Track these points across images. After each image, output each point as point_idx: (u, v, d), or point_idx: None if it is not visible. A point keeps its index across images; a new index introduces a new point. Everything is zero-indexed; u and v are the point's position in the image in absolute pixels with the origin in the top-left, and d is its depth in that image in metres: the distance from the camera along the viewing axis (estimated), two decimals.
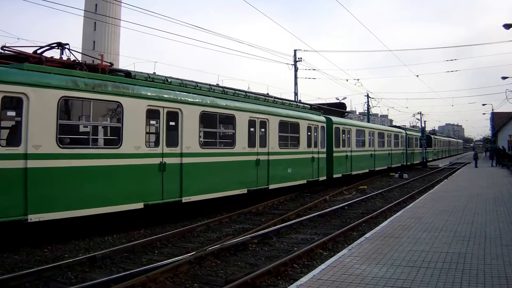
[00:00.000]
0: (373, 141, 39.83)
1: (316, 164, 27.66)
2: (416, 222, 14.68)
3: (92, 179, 13.76)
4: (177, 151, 16.47)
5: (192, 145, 17.09)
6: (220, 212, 19.19)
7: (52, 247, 12.88)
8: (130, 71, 17.02)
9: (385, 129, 48.86)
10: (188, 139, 16.81)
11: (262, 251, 12.95)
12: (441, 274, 8.65)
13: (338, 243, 13.62)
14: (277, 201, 23.12)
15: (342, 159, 32.25)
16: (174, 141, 16.46)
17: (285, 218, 17.95)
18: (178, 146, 16.54)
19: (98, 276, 10.05)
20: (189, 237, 14.89)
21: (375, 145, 40.27)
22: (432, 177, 41.35)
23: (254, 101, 22.84)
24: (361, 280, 8.34)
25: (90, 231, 14.27)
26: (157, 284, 9.62)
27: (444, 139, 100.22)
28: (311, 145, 27.12)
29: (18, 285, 9.42)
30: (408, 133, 55.79)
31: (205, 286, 9.75)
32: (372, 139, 39.43)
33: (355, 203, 22.96)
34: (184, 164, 16.67)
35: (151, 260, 11.69)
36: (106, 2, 74.42)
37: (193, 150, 17.19)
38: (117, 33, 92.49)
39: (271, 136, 22.65)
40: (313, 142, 27.47)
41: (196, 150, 17.34)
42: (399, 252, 10.51)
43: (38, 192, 12.26)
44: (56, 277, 10.11)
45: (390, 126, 65.06)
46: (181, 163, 16.57)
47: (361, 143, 36.71)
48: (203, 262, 11.28)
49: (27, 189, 12.03)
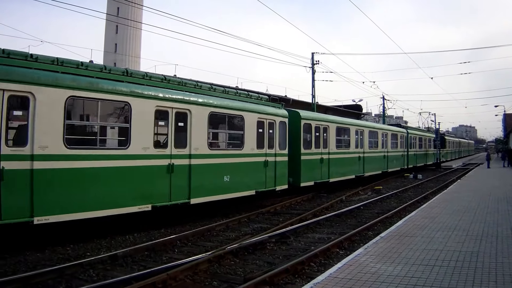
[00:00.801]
0: (363, 141, 33.55)
1: (272, 170, 20.75)
2: (430, 221, 14.63)
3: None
4: None
5: None
6: (239, 212, 19.22)
7: (74, 246, 12.91)
8: None
9: (379, 127, 41.09)
10: None
11: (280, 250, 12.95)
12: (454, 273, 8.65)
13: (354, 242, 13.59)
14: (294, 201, 23.09)
15: (315, 163, 25.46)
16: None
17: (302, 218, 17.92)
18: None
19: (120, 274, 10.09)
20: (208, 236, 14.89)
21: (365, 146, 33.88)
22: (446, 178, 41.01)
23: (163, 84, 16.12)
24: (376, 278, 8.35)
25: (112, 230, 14.32)
26: (177, 282, 9.64)
27: (454, 140, 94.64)
28: (263, 145, 20.27)
29: (41, 282, 9.45)
30: (410, 132, 49.05)
31: (224, 284, 9.73)
32: (361, 139, 33.23)
33: (371, 203, 22.87)
34: None
35: (171, 259, 11.70)
36: (128, 6, 74.53)
37: None
38: (138, 36, 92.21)
39: (194, 132, 16.23)
40: (266, 141, 20.55)
41: None
42: (414, 251, 10.50)
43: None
44: (78, 275, 10.14)
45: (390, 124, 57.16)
46: None
47: (344, 144, 30.48)
48: (222, 261, 11.28)
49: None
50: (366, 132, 34.57)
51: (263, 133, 20.53)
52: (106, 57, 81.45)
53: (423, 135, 57.20)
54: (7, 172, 11.08)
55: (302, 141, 24.33)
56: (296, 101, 44.84)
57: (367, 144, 34.31)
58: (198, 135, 16.65)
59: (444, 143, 69.17)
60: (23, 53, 12.59)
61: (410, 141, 47.85)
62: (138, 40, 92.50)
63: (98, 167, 13.18)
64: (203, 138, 16.97)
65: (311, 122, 25.50)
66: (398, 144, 43.14)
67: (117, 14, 78.14)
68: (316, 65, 43.25)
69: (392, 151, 40.67)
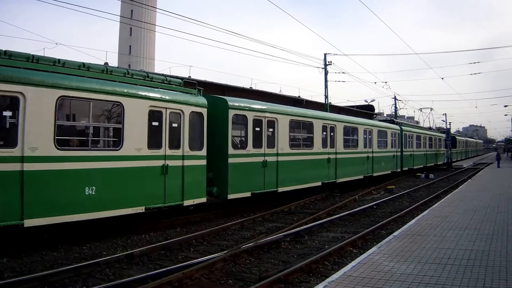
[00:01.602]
0: (334, 139, 25.72)
1: (178, 179, 15.49)
2: (441, 220, 14.55)
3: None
4: None
5: None
6: (254, 211, 19.21)
7: (91, 245, 12.93)
8: None
9: (358, 122, 30.95)
10: None
11: (294, 249, 12.92)
12: (465, 271, 8.60)
13: (367, 241, 13.53)
14: (308, 200, 22.94)
15: (254, 167, 18.95)
16: None
17: (316, 217, 17.84)
18: None
19: (136, 273, 10.08)
20: (223, 235, 14.87)
21: (337, 145, 26.03)
22: (457, 177, 40.67)
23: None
24: (389, 276, 8.32)
25: (128, 230, 14.38)
26: (193, 281, 9.61)
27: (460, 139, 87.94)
28: (160, 145, 14.99)
29: (58, 280, 9.43)
30: (405, 129, 40.61)
31: (240, 282, 9.70)
32: (332, 136, 25.62)
33: (383, 202, 22.71)
34: None
35: (187, 258, 11.67)
36: (141, 8, 74.49)
37: None
38: (152, 38, 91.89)
39: (36, 125, 11.65)
40: (166, 140, 15.19)
41: None
42: (426, 250, 10.45)
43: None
44: (95, 274, 10.12)
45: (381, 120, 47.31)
46: None
47: (305, 142, 23.34)
48: (238, 260, 11.25)
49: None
50: (340, 128, 26.81)
51: (160, 128, 15.10)
52: (121, 59, 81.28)
53: (424, 133, 49.81)
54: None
55: (230, 138, 17.94)
56: (309, 102, 44.69)
57: (341, 142, 26.74)
58: None
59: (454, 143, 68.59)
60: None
61: (405, 139, 40.16)
62: (152, 42, 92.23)
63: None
64: None
65: (247, 113, 18.77)
66: (389, 143, 35.60)
67: (130, 16, 78.05)
68: (328, 65, 43.03)
69: (379, 152, 33.09)
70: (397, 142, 37.73)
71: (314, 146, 23.66)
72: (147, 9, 73.88)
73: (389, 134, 35.86)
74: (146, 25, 75.59)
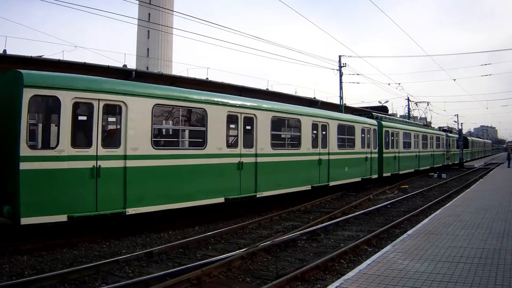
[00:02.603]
0: (256, 137, 18.05)
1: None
2: (454, 219, 14.48)
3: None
4: None
5: None
6: (271, 210, 19.16)
7: (110, 243, 12.92)
8: None
9: (302, 112, 21.90)
10: None
11: (311, 247, 12.89)
12: (477, 269, 8.57)
13: (382, 240, 13.50)
14: (324, 199, 22.86)
15: (66, 178, 12.05)
16: None
17: (332, 216, 17.78)
18: None
19: (155, 271, 10.04)
20: (241, 233, 14.84)
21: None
22: (469, 177, 40.33)
23: None
24: (404, 274, 8.32)
25: (147, 228, 14.42)
26: (211, 278, 9.59)
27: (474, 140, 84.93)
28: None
29: (78, 278, 9.41)
30: (385, 125, 32.25)
31: (257, 280, 9.68)
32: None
33: (397, 201, 22.60)
34: None
35: (205, 256, 11.59)
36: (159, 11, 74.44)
37: None
38: (170, 40, 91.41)
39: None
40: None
41: None
42: (439, 248, 10.41)
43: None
44: (114, 271, 10.09)
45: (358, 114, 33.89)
46: None
47: (195, 141, 16.32)
48: (255, 258, 11.23)
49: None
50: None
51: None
52: (139, 61, 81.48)
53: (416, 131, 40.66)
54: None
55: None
56: (325, 103, 44.62)
57: (264, 140, 18.62)
58: None
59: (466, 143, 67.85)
60: None
61: (387, 138, 32.36)
62: (169, 45, 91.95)
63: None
64: None
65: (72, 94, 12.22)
66: (366, 142, 28.22)
67: (148, 19, 77.98)
68: (343, 67, 42.92)
69: (340, 153, 24.60)
70: (374, 141, 29.61)
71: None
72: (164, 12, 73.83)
73: (360, 130, 27.58)
74: (163, 27, 75.50)
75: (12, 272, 9.84)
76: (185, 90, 15.90)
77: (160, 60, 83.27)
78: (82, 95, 12.33)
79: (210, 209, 16.48)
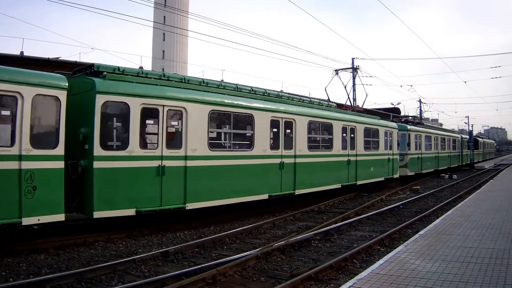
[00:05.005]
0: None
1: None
2: (465, 220, 14.38)
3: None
4: None
5: None
6: (285, 210, 19.12)
7: (127, 242, 12.89)
8: None
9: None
10: None
11: (324, 247, 12.85)
12: (487, 269, 8.51)
13: (394, 240, 13.42)
14: (337, 200, 22.79)
15: None
16: None
17: (345, 216, 17.71)
18: None
19: (171, 270, 9.99)
20: (256, 233, 14.79)
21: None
22: (479, 178, 39.99)
23: None
24: (416, 274, 8.28)
25: (163, 228, 14.41)
26: (226, 278, 9.55)
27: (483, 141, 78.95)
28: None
29: (94, 277, 9.37)
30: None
31: (271, 279, 9.65)
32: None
33: (409, 202, 22.45)
34: None
35: (221, 255, 11.54)
36: (174, 14, 74.09)
37: None
38: (185, 42, 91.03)
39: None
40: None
41: None
42: (450, 248, 10.34)
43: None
44: (130, 271, 10.04)
45: None
46: None
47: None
48: (270, 257, 11.18)
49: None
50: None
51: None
52: (155, 63, 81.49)
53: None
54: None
55: None
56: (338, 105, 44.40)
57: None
58: None
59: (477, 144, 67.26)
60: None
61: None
62: (185, 47, 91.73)
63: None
64: None
65: None
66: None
67: (163, 22, 77.72)
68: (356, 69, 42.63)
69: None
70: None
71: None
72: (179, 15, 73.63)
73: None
74: (179, 30, 75.30)
75: (29, 271, 9.83)
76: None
77: (176, 62, 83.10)
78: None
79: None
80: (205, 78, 16.98)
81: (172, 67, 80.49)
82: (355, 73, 41.71)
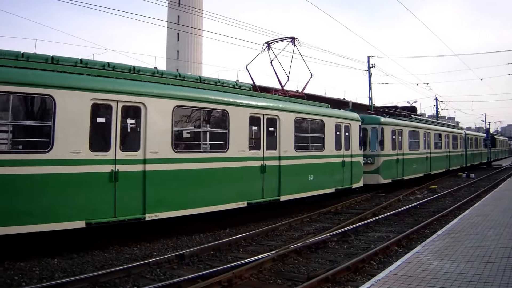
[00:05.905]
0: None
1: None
2: (483, 219, 14.23)
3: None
4: None
5: None
6: (302, 212, 18.96)
7: (141, 246, 12.74)
8: None
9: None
10: None
11: (341, 248, 12.80)
12: (506, 269, 8.43)
13: (411, 241, 13.32)
14: (354, 201, 22.63)
15: None
16: None
17: (362, 217, 17.61)
18: None
19: (186, 273, 9.92)
20: (272, 235, 14.68)
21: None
22: (497, 176, 39.60)
23: None
24: (434, 275, 8.22)
25: (178, 231, 14.24)
26: (242, 280, 9.48)
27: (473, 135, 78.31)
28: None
29: (109, 281, 9.30)
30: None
31: (288, 282, 9.59)
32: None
33: (427, 202, 22.23)
34: None
35: (236, 258, 11.49)
36: (188, 14, 73.42)
37: None
38: (200, 42, 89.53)
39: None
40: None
41: None
42: (468, 249, 10.25)
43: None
44: (145, 274, 9.97)
45: None
46: None
47: None
48: (286, 259, 11.11)
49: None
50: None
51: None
52: (169, 63, 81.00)
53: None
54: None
55: None
56: (355, 104, 44.23)
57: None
58: None
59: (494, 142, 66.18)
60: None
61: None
62: (199, 47, 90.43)
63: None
64: None
65: None
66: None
67: (177, 22, 77.08)
68: (372, 68, 42.49)
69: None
70: None
71: None
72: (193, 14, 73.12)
73: None
74: (193, 30, 74.79)
75: (43, 275, 9.76)
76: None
77: (190, 62, 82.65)
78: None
79: None
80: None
81: (186, 67, 79.80)
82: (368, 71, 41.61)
